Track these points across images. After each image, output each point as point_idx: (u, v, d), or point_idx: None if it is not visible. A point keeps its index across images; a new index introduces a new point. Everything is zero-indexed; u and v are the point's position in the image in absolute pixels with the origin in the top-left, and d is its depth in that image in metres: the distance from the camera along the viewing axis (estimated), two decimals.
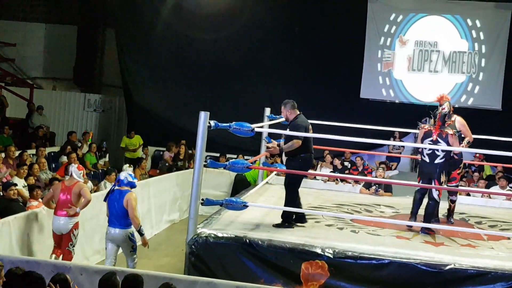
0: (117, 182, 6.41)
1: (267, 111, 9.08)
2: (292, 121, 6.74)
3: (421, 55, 14.16)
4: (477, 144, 7.68)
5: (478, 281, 5.51)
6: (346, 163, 11.95)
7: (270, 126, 8.69)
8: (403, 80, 14.25)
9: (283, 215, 6.68)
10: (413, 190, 7.22)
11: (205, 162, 6.16)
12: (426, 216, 6.87)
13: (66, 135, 13.24)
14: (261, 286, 5.21)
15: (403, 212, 8.12)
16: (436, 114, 6.89)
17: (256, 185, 9.13)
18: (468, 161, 10.50)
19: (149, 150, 13.54)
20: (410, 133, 13.39)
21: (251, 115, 8.97)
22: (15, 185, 7.74)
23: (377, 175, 10.25)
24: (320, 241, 6.04)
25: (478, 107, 13.67)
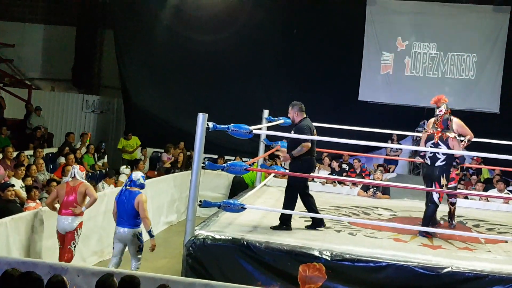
0: (129, 182, 6.44)
1: (266, 113, 9.07)
2: (297, 123, 6.75)
3: (419, 57, 14.17)
4: (475, 147, 7.70)
5: (475, 284, 5.51)
6: (344, 166, 11.97)
7: (269, 128, 8.69)
8: (401, 82, 14.24)
9: (281, 217, 6.67)
10: (410, 193, 7.23)
11: (203, 163, 6.15)
12: (425, 219, 6.87)
13: (64, 136, 13.22)
14: None
15: (401, 215, 8.14)
16: (438, 116, 6.91)
17: (254, 187, 9.13)
18: (466, 164, 10.49)
19: (148, 151, 13.53)
20: (408, 135, 13.42)
21: (250, 117, 8.97)
22: (13, 186, 7.72)
23: (375, 177, 10.26)
24: (318, 243, 6.04)
25: (476, 110, 13.67)
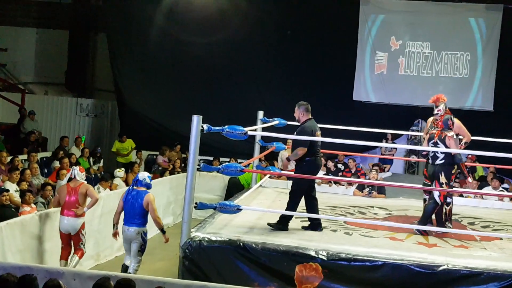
0: (135, 182, 6.64)
1: (260, 114, 9.07)
2: (301, 124, 6.77)
3: (413, 57, 14.20)
4: (469, 145, 7.71)
5: (471, 281, 5.52)
6: (340, 166, 11.98)
7: (264, 129, 8.69)
8: (395, 82, 14.27)
9: (281, 215, 6.67)
10: (405, 192, 7.24)
11: (199, 165, 6.15)
12: (423, 217, 6.89)
13: (58, 140, 13.19)
14: None
15: (396, 214, 8.15)
16: (437, 116, 6.96)
17: (249, 188, 9.12)
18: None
19: (143, 154, 13.51)
20: (402, 134, 13.45)
21: (245, 118, 8.97)
22: (7, 191, 7.71)
23: (370, 177, 10.27)
24: (314, 243, 6.04)
25: (470, 108, 13.71)
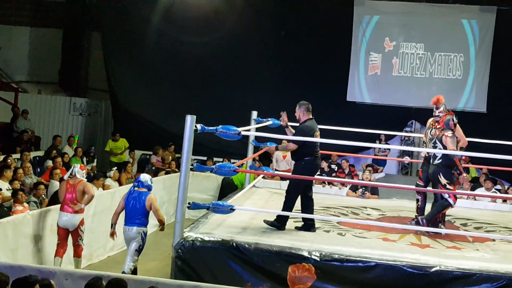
0: (137, 183, 6.76)
1: (254, 114, 9.07)
2: (301, 123, 6.79)
3: (407, 58, 14.23)
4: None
5: (463, 282, 5.54)
6: (333, 166, 11.99)
7: (257, 129, 8.69)
8: (389, 83, 14.29)
9: (278, 215, 6.66)
10: (399, 192, 7.26)
11: (192, 165, 6.14)
12: (432, 213, 6.94)
13: (51, 139, 13.15)
14: None
15: (390, 215, 8.17)
16: (437, 117, 7.04)
17: (243, 189, 9.12)
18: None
19: (136, 154, 13.48)
20: (396, 135, 13.48)
21: (238, 118, 8.97)
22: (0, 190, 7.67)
23: (363, 177, 10.29)
24: (307, 244, 6.04)
25: (463, 110, 13.75)
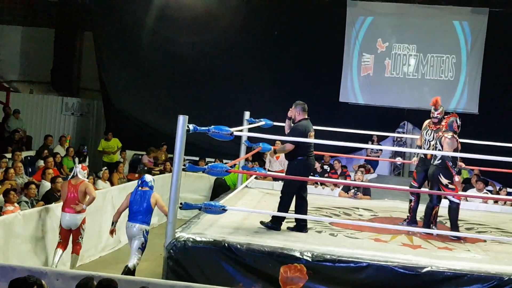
0: (141, 183, 6.95)
1: (247, 114, 9.07)
2: (295, 123, 6.78)
3: (399, 59, 14.27)
4: None
5: (454, 283, 5.55)
6: (326, 167, 12.01)
7: (250, 129, 8.69)
8: (381, 84, 14.32)
9: (274, 216, 6.65)
10: (391, 193, 7.28)
11: (184, 165, 6.13)
12: (452, 223, 6.99)
13: (43, 139, 13.10)
14: None
15: (382, 215, 8.19)
16: (434, 118, 7.18)
17: (235, 189, 9.11)
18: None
19: (128, 154, 13.44)
20: (388, 136, 13.51)
21: (231, 119, 8.96)
22: None
23: (356, 178, 10.31)
24: (299, 244, 6.04)
25: (455, 111, 13.77)
